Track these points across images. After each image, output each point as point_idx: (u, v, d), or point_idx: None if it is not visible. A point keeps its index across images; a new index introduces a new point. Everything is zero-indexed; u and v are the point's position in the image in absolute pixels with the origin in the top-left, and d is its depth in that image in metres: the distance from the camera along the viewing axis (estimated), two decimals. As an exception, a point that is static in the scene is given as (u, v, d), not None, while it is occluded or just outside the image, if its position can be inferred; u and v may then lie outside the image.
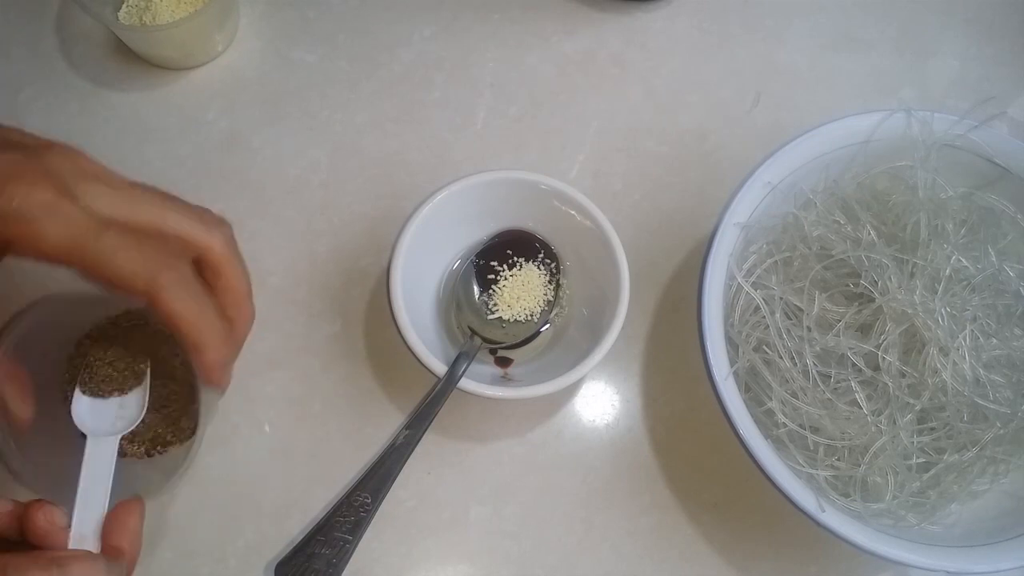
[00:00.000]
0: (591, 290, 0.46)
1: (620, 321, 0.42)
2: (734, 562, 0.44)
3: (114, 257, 0.30)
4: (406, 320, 0.41)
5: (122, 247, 0.30)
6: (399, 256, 0.43)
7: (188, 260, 0.33)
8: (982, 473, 0.42)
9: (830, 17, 0.58)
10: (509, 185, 0.46)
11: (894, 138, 0.45)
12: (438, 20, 0.56)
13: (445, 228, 0.46)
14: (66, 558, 0.31)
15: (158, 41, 0.52)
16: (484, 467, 0.45)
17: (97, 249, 0.29)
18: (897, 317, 0.41)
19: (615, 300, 0.43)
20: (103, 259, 0.30)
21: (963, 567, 0.38)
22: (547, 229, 0.47)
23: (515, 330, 0.46)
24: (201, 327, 0.32)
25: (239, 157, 0.52)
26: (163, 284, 0.31)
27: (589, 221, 0.45)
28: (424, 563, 0.43)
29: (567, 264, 0.47)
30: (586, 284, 0.47)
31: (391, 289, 0.42)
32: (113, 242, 0.30)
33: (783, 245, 0.45)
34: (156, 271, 0.31)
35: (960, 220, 0.44)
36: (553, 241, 0.47)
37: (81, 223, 0.30)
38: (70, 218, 0.29)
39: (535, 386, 0.41)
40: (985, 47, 0.58)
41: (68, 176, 0.30)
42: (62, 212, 0.29)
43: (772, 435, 0.41)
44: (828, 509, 0.38)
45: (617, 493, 0.45)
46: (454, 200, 0.45)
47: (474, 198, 0.46)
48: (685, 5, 0.57)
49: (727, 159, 0.53)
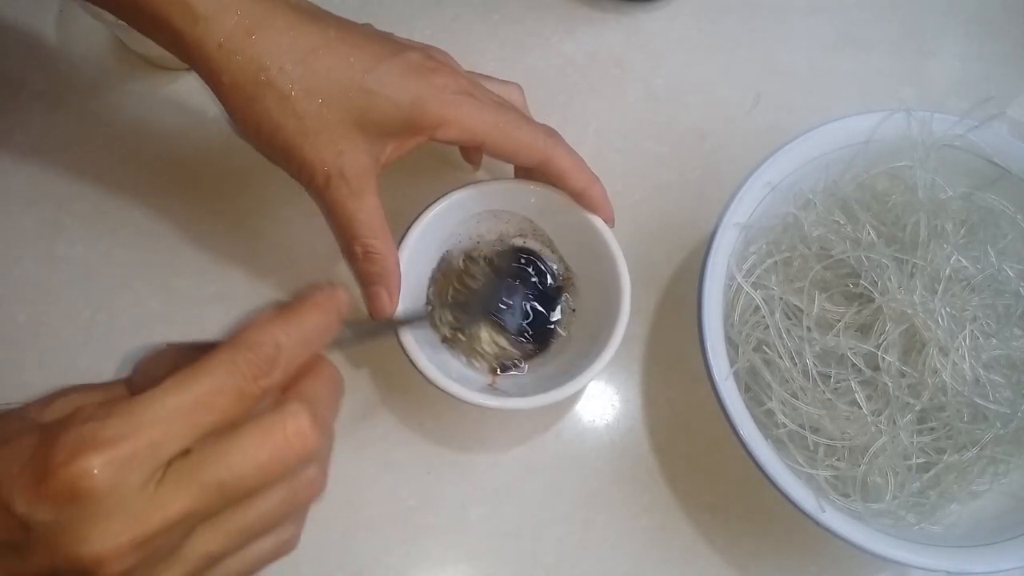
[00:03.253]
0: (591, 299, 0.46)
1: (619, 336, 0.41)
2: (734, 562, 0.44)
3: (518, 131, 0.40)
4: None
5: (523, 124, 0.40)
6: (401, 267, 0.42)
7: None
8: (982, 473, 0.42)
9: (830, 17, 0.58)
10: (505, 194, 0.45)
11: (894, 138, 0.45)
12: (438, 20, 0.56)
13: (443, 239, 0.46)
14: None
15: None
16: (484, 467, 0.45)
17: (505, 128, 0.39)
18: (897, 317, 0.41)
19: (615, 311, 0.42)
20: (511, 134, 0.40)
21: (963, 567, 0.38)
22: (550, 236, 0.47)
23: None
24: (584, 172, 0.42)
25: (239, 157, 0.52)
26: (553, 145, 0.41)
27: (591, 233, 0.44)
28: (424, 563, 0.43)
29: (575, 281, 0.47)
30: (587, 292, 0.46)
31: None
32: (516, 122, 0.40)
33: (783, 245, 0.45)
34: (545, 138, 0.41)
35: (960, 220, 0.44)
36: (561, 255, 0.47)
37: (492, 111, 0.40)
38: (484, 107, 0.39)
39: (530, 397, 0.41)
40: (985, 47, 0.58)
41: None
42: (483, 102, 0.40)
43: (772, 435, 0.41)
44: (828, 509, 0.38)
45: (617, 493, 0.45)
46: (454, 209, 0.45)
47: (472, 209, 0.45)
48: (685, 5, 0.57)
49: (727, 159, 0.53)
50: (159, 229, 0.49)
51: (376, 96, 0.37)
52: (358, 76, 0.37)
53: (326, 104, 0.37)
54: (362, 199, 0.38)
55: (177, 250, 0.49)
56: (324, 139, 0.37)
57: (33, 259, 0.49)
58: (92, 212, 0.50)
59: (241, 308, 0.48)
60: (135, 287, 0.48)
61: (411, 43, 0.41)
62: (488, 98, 0.41)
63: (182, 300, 0.48)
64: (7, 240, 0.49)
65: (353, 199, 0.38)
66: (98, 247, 0.49)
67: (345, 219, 0.39)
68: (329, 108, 0.37)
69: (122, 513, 0.23)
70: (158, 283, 0.48)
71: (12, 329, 0.47)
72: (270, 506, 0.27)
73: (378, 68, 0.37)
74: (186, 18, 0.35)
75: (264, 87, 0.36)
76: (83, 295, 0.48)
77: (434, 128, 0.38)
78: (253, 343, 0.26)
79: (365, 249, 0.39)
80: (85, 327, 0.47)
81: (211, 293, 0.48)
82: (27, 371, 0.46)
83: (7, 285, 0.48)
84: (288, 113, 0.36)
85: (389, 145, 0.39)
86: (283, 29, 0.36)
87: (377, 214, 0.39)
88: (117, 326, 0.47)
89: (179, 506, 0.24)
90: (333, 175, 0.38)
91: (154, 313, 0.48)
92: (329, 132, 0.37)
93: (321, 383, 0.29)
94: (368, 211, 0.39)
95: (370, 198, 0.39)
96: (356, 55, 0.37)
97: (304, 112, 0.37)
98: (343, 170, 0.38)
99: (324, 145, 0.37)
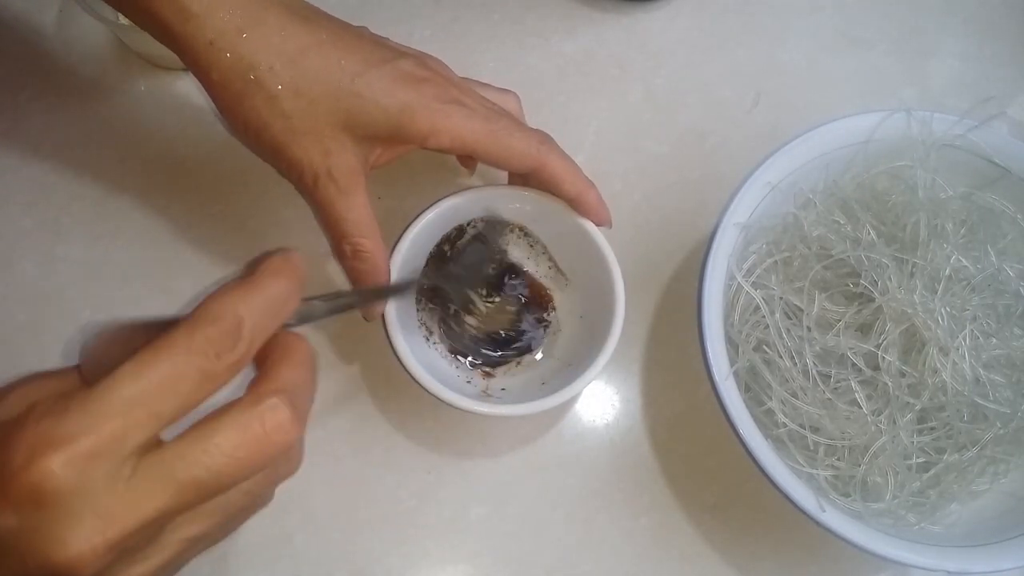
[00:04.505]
0: (586, 304, 0.46)
1: (614, 341, 0.41)
2: (734, 562, 0.44)
3: (510, 139, 0.40)
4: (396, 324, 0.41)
5: (515, 131, 0.40)
6: (393, 272, 0.42)
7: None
8: (982, 473, 0.42)
9: (830, 17, 0.58)
10: (497, 200, 0.45)
11: (894, 138, 0.45)
12: (437, 20, 0.56)
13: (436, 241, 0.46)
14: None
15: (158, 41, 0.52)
16: (484, 467, 0.46)
17: (497, 136, 0.39)
18: (897, 317, 0.41)
19: (610, 316, 0.42)
20: (503, 141, 0.40)
21: (963, 567, 0.38)
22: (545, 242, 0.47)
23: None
24: (578, 178, 0.42)
25: (239, 158, 0.52)
26: (546, 152, 0.41)
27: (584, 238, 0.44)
28: (424, 563, 0.43)
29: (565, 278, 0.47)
30: (581, 295, 0.46)
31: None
32: (508, 129, 0.40)
33: (783, 245, 0.45)
34: (538, 145, 0.41)
35: (960, 220, 0.44)
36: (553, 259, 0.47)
37: (483, 120, 0.40)
38: (475, 116, 0.39)
39: (525, 404, 0.41)
40: (985, 47, 0.58)
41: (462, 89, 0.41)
42: (474, 110, 0.40)
43: (772, 435, 0.41)
44: (828, 509, 0.38)
45: (617, 493, 0.45)
46: (446, 216, 0.45)
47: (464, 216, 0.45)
48: (685, 5, 0.57)
49: (727, 159, 0.53)
50: (159, 230, 0.49)
51: (365, 101, 0.37)
52: (347, 79, 0.37)
53: (314, 105, 0.37)
54: (350, 199, 0.38)
55: (177, 251, 0.49)
56: (311, 139, 0.37)
57: (33, 259, 0.49)
58: (92, 212, 0.50)
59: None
60: (135, 287, 0.48)
61: (406, 50, 0.41)
62: (481, 106, 0.41)
63: (182, 300, 0.48)
64: (7, 240, 0.49)
65: (341, 199, 0.38)
66: (98, 247, 0.49)
67: (334, 218, 0.39)
68: (317, 109, 0.37)
69: (92, 513, 0.22)
70: (158, 283, 0.48)
71: (12, 329, 0.47)
72: (249, 488, 0.26)
73: (368, 73, 0.37)
74: (177, 15, 0.35)
75: (253, 85, 0.36)
76: (83, 295, 0.48)
77: (423, 137, 0.38)
78: (212, 317, 0.25)
79: (354, 248, 0.39)
80: (85, 327, 0.47)
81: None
82: (27, 371, 0.46)
83: (7, 285, 0.48)
84: (276, 112, 0.36)
85: (377, 149, 0.39)
86: (275, 29, 0.36)
87: (366, 213, 0.39)
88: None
89: (155, 504, 0.23)
90: (321, 175, 0.38)
91: (154, 313, 0.48)
92: (316, 132, 0.37)
93: (296, 366, 0.28)
94: (357, 210, 0.39)
95: (358, 197, 0.39)
96: (347, 58, 0.37)
97: (291, 111, 0.37)
98: (331, 170, 0.38)
99: (311, 145, 0.37)
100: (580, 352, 0.43)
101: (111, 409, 0.23)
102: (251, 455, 0.25)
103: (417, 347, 0.43)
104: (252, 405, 0.25)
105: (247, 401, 0.25)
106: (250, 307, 0.26)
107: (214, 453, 0.24)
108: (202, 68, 0.36)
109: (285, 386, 0.27)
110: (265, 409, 0.25)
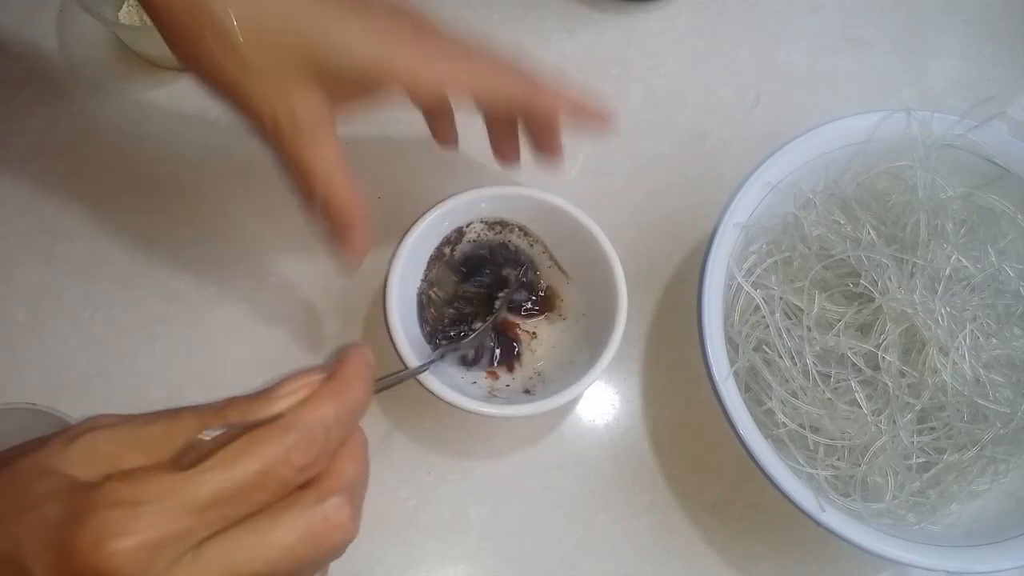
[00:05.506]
0: (588, 305, 0.46)
1: (616, 342, 0.41)
2: (734, 562, 0.44)
3: (495, 73, 0.38)
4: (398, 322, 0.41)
5: (498, 64, 0.38)
6: (395, 274, 0.42)
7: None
8: (982, 473, 0.42)
9: (830, 17, 0.58)
10: (498, 202, 0.45)
11: (894, 138, 0.45)
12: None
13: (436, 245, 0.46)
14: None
15: (158, 41, 0.51)
16: (484, 467, 0.45)
17: (479, 71, 0.37)
18: (897, 317, 0.41)
19: (612, 316, 0.42)
20: (486, 77, 0.37)
21: (963, 567, 0.38)
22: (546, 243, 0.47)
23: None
24: (571, 98, 0.40)
25: (240, 158, 0.52)
26: (533, 82, 0.38)
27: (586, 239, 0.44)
28: (424, 563, 0.43)
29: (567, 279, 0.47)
30: (583, 296, 0.46)
31: (387, 301, 0.42)
32: (491, 63, 0.38)
33: (783, 245, 0.45)
34: (525, 76, 0.38)
35: (960, 220, 0.44)
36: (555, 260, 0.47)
37: (464, 57, 0.38)
38: (454, 53, 0.37)
39: (525, 405, 0.41)
40: (985, 47, 0.58)
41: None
42: (452, 48, 0.38)
43: (772, 435, 0.41)
44: (828, 509, 0.38)
45: (617, 493, 0.45)
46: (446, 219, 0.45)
47: (465, 218, 0.46)
48: (685, 5, 0.57)
49: (727, 159, 0.53)
50: (159, 229, 0.49)
51: (332, 38, 0.34)
52: (313, 14, 0.34)
53: (274, 41, 0.33)
54: (316, 147, 0.34)
55: (177, 251, 0.49)
56: (270, 79, 0.33)
57: (33, 259, 0.49)
58: (92, 212, 0.50)
59: (241, 309, 0.48)
60: (135, 287, 0.48)
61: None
62: (459, 45, 0.37)
63: (182, 300, 0.48)
64: (7, 240, 0.49)
65: (306, 147, 0.34)
66: (98, 247, 0.49)
67: (300, 169, 0.35)
68: (278, 46, 0.33)
69: None
70: (158, 283, 0.48)
71: (12, 329, 0.47)
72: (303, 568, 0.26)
73: (339, 8, 0.34)
74: None
75: (205, 18, 0.32)
76: (83, 295, 0.48)
77: (398, 78, 0.35)
78: (305, 425, 0.25)
79: (326, 198, 0.35)
80: (85, 327, 0.47)
81: (211, 294, 0.48)
82: (27, 371, 0.46)
83: (7, 285, 0.48)
84: (230, 49, 0.33)
85: (346, 93, 0.35)
86: None
87: (334, 162, 0.35)
88: (117, 326, 0.47)
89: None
90: (281, 118, 0.34)
91: (154, 313, 0.48)
92: (276, 72, 0.33)
93: (356, 461, 0.27)
94: (324, 160, 0.35)
95: (326, 145, 0.35)
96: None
97: (248, 48, 0.33)
98: (293, 113, 0.34)
99: (270, 85, 0.34)
100: (582, 351, 0.44)
101: (190, 505, 0.23)
102: (309, 552, 0.25)
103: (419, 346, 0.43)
104: (317, 502, 0.25)
105: (312, 498, 0.25)
106: (339, 418, 0.26)
107: (275, 547, 0.24)
108: (150, 5, 0.33)
109: (346, 483, 0.26)
110: (329, 507, 0.25)
